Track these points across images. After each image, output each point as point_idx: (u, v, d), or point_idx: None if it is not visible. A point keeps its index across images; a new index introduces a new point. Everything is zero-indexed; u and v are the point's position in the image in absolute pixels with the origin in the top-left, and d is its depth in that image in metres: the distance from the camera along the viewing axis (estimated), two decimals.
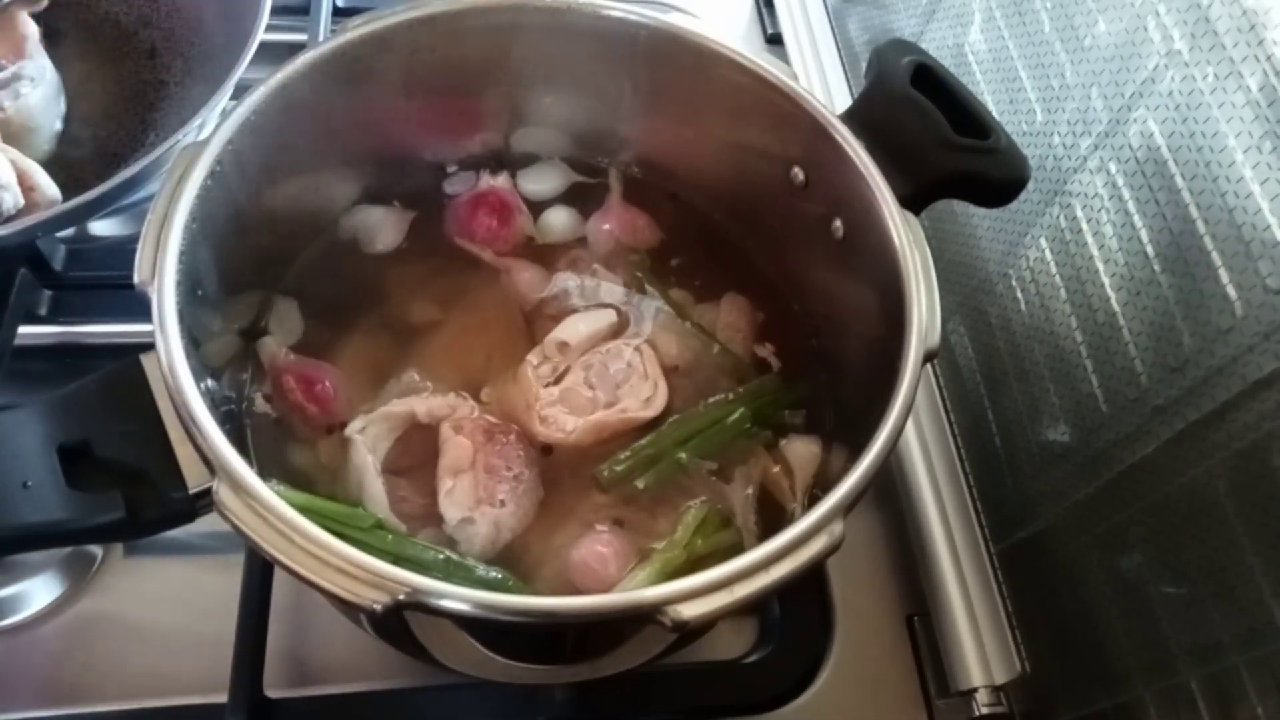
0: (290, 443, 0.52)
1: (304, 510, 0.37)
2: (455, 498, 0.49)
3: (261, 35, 0.67)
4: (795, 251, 0.59)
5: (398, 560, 0.45)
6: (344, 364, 0.55)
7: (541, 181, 0.63)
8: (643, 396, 0.53)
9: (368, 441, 0.50)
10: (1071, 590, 0.56)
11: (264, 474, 0.45)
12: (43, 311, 0.69)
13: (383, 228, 0.59)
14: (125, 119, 0.75)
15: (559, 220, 0.62)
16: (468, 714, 0.58)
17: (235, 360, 0.53)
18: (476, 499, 0.48)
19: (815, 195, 0.55)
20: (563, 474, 0.52)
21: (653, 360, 0.55)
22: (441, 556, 0.47)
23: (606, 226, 0.61)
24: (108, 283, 0.70)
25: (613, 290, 0.59)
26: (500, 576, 0.47)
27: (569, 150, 0.64)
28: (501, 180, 0.61)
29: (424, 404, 0.51)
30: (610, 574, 0.48)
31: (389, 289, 0.58)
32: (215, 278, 0.48)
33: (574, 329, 0.55)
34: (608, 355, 0.55)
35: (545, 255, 0.60)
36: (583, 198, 0.63)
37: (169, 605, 0.59)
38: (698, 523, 0.50)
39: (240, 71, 0.65)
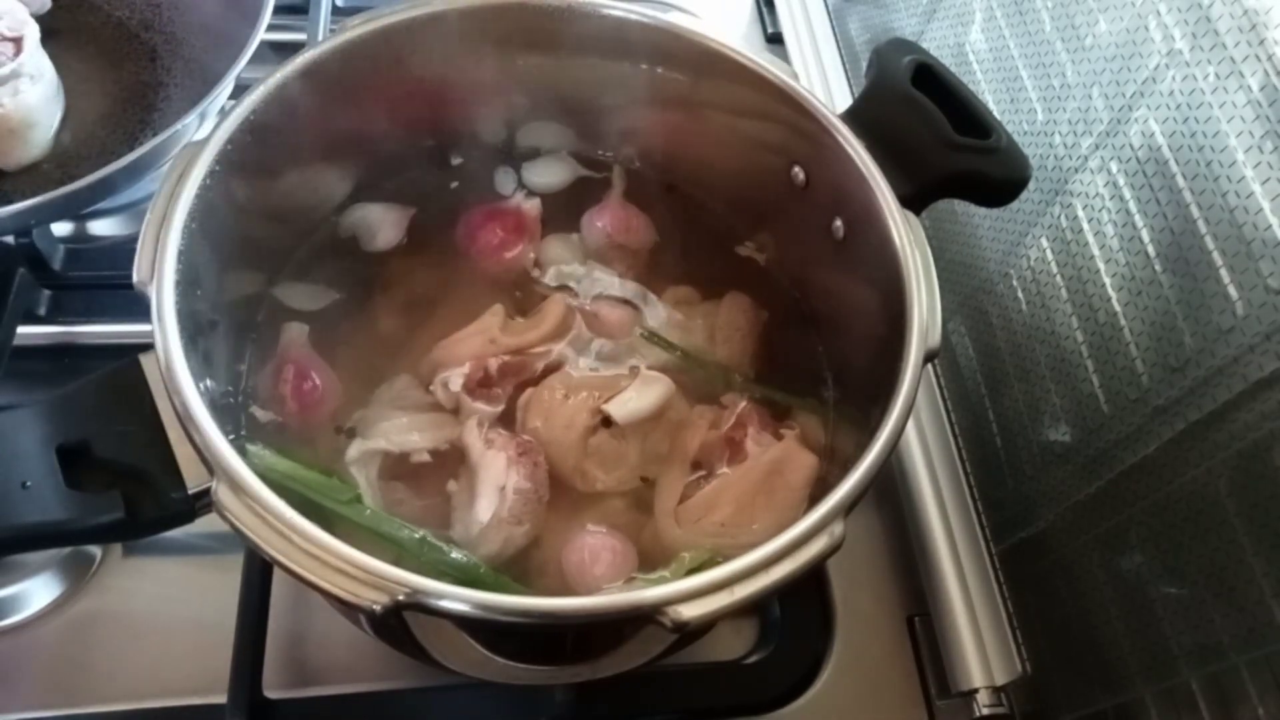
0: (288, 439, 0.52)
1: (287, 478, 0.37)
2: (483, 515, 0.48)
3: (261, 37, 0.67)
4: (796, 251, 0.59)
5: (374, 535, 0.46)
6: (339, 362, 0.54)
7: (547, 175, 0.63)
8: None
9: (363, 461, 0.50)
10: (1072, 590, 0.56)
11: (250, 438, 0.44)
12: (42, 311, 0.69)
13: (382, 225, 0.59)
14: (124, 119, 0.75)
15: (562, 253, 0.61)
16: (467, 714, 0.58)
17: (233, 355, 0.53)
18: (499, 519, 0.48)
19: (816, 195, 0.55)
20: (568, 490, 0.52)
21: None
22: (417, 535, 0.46)
23: (600, 224, 0.61)
24: (107, 283, 0.70)
25: (612, 301, 0.58)
26: (473, 562, 0.47)
27: (571, 146, 0.64)
28: (531, 205, 0.60)
29: (417, 440, 0.50)
30: (603, 571, 0.48)
31: (386, 287, 0.58)
32: (214, 276, 0.48)
33: (626, 407, 0.52)
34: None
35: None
36: (587, 193, 0.63)
37: (168, 606, 0.59)
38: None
39: (241, 67, 0.65)
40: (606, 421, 0.51)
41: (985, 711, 0.59)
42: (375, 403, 0.53)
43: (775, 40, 0.94)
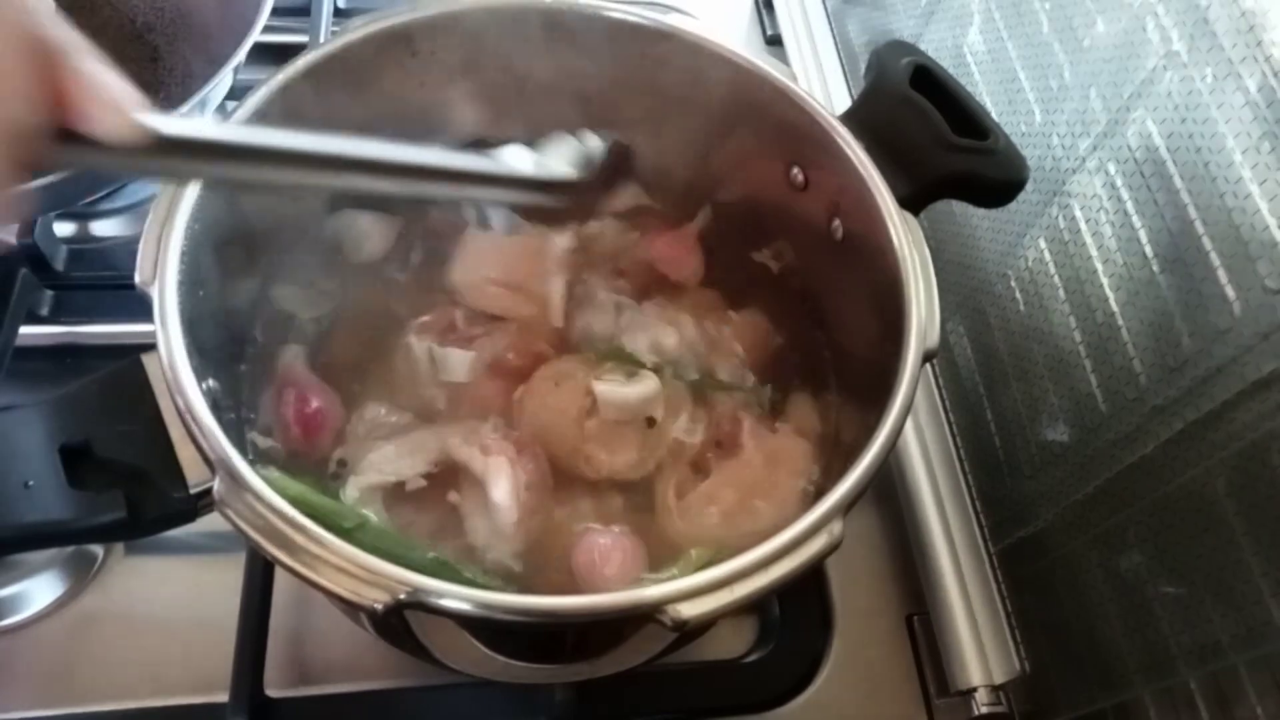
0: (294, 462, 0.51)
1: (297, 501, 0.37)
2: (507, 519, 0.48)
3: (261, 28, 0.67)
4: (794, 251, 0.60)
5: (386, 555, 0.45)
6: (340, 380, 0.53)
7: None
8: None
9: (364, 498, 0.49)
10: (1071, 590, 0.56)
11: (256, 461, 0.45)
12: (44, 311, 0.69)
13: (370, 235, 0.58)
14: None
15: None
16: (468, 713, 0.58)
17: (235, 355, 0.53)
18: (520, 517, 0.48)
19: (815, 196, 0.55)
20: (572, 482, 0.52)
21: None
22: (431, 555, 0.46)
23: None
24: (109, 283, 0.70)
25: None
26: (490, 577, 0.47)
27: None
28: None
29: (408, 466, 0.50)
30: (613, 570, 0.48)
31: (383, 295, 0.57)
32: (217, 277, 0.48)
33: (613, 397, 0.51)
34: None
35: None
36: None
37: (170, 605, 0.59)
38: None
39: (240, 62, 0.65)
40: None
41: (984, 710, 0.59)
42: (352, 437, 0.51)
43: (774, 42, 0.95)
